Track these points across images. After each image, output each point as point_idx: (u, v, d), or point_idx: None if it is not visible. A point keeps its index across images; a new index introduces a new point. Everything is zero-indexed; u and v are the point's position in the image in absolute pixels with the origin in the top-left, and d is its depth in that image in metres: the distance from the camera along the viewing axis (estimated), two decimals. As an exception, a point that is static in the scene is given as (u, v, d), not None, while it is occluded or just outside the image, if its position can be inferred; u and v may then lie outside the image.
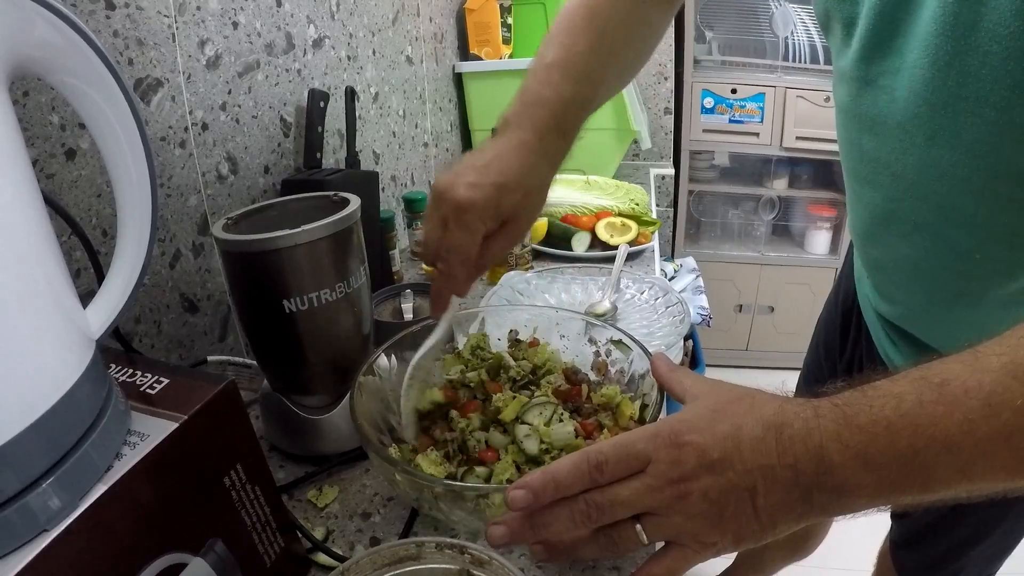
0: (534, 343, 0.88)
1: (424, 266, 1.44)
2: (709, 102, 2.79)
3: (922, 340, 0.84)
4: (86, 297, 0.53)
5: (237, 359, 1.00)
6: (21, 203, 0.42)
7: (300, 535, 0.68)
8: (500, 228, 0.73)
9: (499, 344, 0.91)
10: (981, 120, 0.58)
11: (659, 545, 0.54)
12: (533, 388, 0.79)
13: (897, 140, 0.68)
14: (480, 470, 0.71)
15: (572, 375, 0.82)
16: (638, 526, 0.52)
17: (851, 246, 1.04)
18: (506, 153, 0.74)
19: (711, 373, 2.70)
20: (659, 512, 0.51)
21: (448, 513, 0.65)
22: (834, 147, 0.85)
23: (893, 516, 1.12)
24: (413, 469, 0.69)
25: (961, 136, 0.61)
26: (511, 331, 0.90)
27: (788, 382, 0.64)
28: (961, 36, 0.56)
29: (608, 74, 0.82)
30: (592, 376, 0.85)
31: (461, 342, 0.89)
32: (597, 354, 0.86)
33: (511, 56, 2.16)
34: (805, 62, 2.76)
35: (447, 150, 2.06)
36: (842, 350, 1.12)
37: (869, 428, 0.45)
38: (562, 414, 0.74)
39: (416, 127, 1.80)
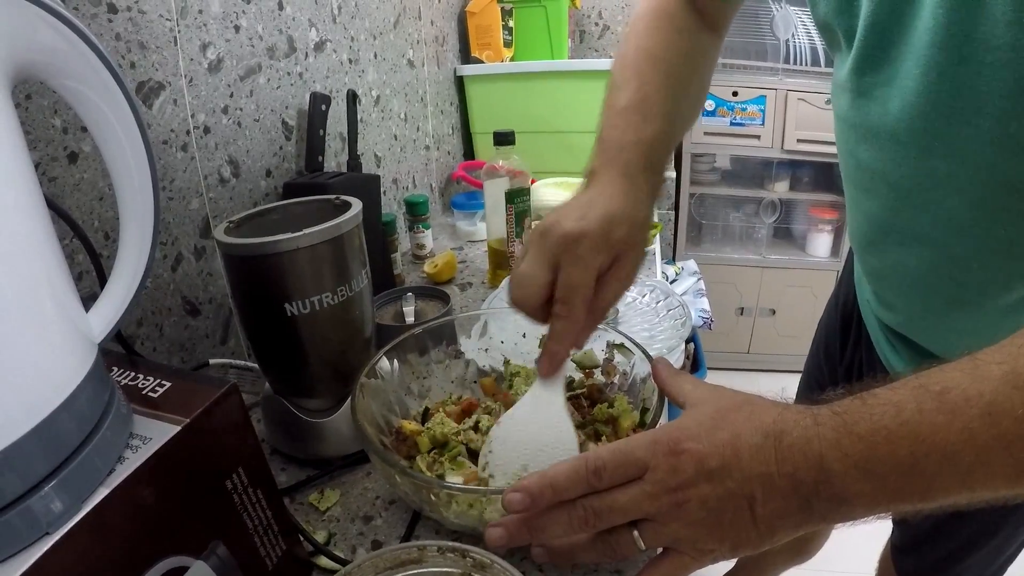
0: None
1: (425, 270, 1.44)
2: (710, 105, 2.79)
3: (921, 346, 0.84)
4: (88, 300, 0.53)
5: (239, 362, 1.00)
6: (24, 206, 0.42)
7: (302, 538, 0.67)
8: (610, 267, 0.66)
9: (502, 347, 0.91)
10: (976, 131, 0.58)
11: (658, 551, 0.54)
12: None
13: (892, 151, 0.68)
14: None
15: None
16: (635, 532, 0.52)
17: (851, 250, 1.04)
18: (605, 191, 0.68)
19: (713, 376, 2.70)
20: (657, 519, 0.51)
21: (448, 515, 0.65)
22: (835, 149, 0.85)
23: (894, 520, 1.12)
24: (413, 471, 0.69)
25: (956, 147, 0.61)
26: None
27: (789, 387, 0.64)
28: (954, 47, 0.56)
29: (681, 109, 0.79)
30: (601, 379, 0.86)
31: (465, 344, 0.90)
32: (608, 358, 0.86)
33: (512, 59, 2.16)
34: (806, 65, 2.75)
35: (448, 153, 2.07)
36: (842, 354, 1.12)
37: (869, 437, 0.45)
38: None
39: (417, 130, 1.80)
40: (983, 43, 0.54)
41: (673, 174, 2.78)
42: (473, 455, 0.74)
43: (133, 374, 0.56)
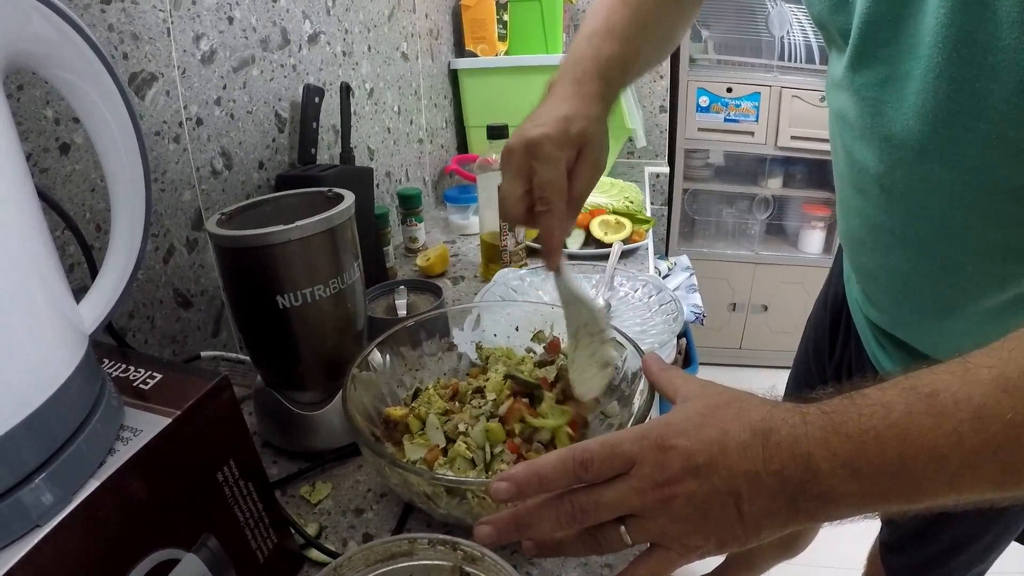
0: (555, 344, 0.88)
1: (418, 263, 1.44)
2: (704, 101, 2.80)
3: (911, 345, 0.84)
4: (79, 292, 0.53)
5: (230, 355, 1.00)
6: (15, 197, 0.42)
7: (293, 531, 0.68)
8: (578, 159, 0.73)
9: (495, 340, 0.91)
10: (973, 134, 0.58)
11: (645, 546, 0.54)
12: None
13: (886, 152, 0.68)
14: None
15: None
16: (622, 528, 0.52)
17: (840, 248, 1.04)
18: (555, 100, 0.75)
19: (704, 371, 2.70)
20: (643, 514, 0.51)
21: (437, 506, 0.65)
22: (828, 146, 0.85)
23: (883, 518, 1.13)
24: (403, 462, 0.70)
25: (953, 150, 0.61)
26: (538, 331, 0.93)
27: (780, 383, 0.64)
28: (955, 48, 0.55)
29: (646, 42, 0.84)
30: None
31: (458, 336, 0.90)
32: None
33: (507, 53, 2.16)
34: (801, 62, 2.76)
35: (442, 146, 2.06)
36: (831, 352, 1.12)
37: (857, 437, 0.45)
38: None
39: (411, 123, 1.80)
40: (986, 45, 0.53)
41: (666, 169, 2.79)
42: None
43: (124, 366, 0.56)
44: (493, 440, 0.73)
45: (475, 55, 2.10)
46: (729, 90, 2.76)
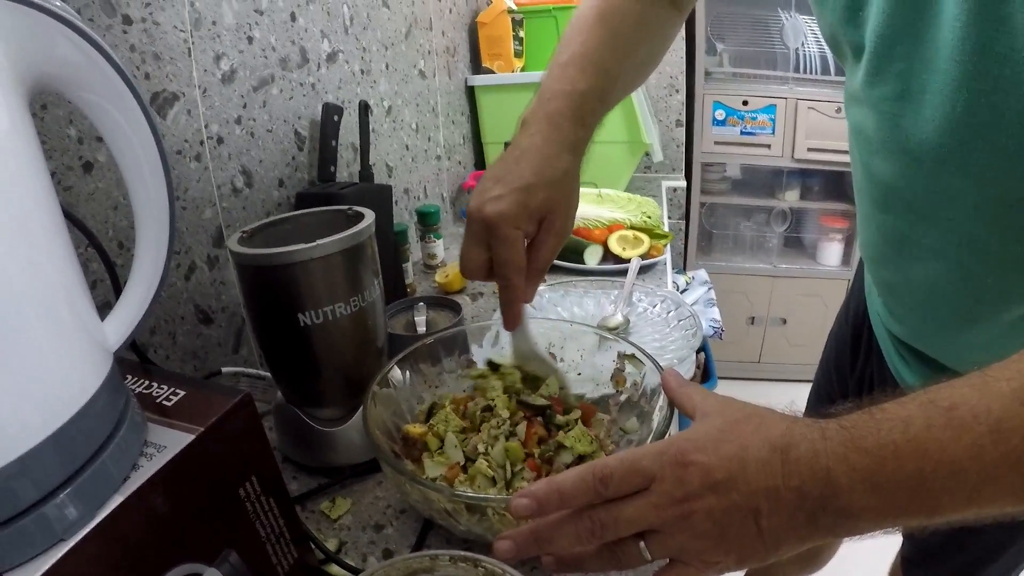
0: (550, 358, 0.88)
1: (437, 280, 1.44)
2: (720, 114, 2.80)
3: (933, 358, 0.83)
4: (103, 309, 0.54)
5: (251, 371, 1.00)
6: (40, 215, 0.42)
7: (313, 546, 0.68)
8: (540, 228, 0.74)
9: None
10: (991, 147, 0.57)
11: (664, 561, 0.54)
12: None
13: (905, 166, 0.68)
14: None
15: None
16: (642, 543, 0.52)
17: (862, 261, 1.04)
18: (525, 153, 0.74)
19: (723, 386, 2.69)
20: (663, 530, 0.51)
21: (457, 523, 0.65)
22: (845, 158, 0.85)
23: (904, 533, 1.11)
24: (424, 479, 0.70)
25: (970, 163, 0.60)
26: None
27: (799, 397, 0.64)
28: (970, 61, 0.55)
29: (623, 69, 0.83)
30: (610, 388, 0.86)
31: (477, 353, 0.90)
32: (618, 369, 0.86)
33: (523, 69, 2.17)
34: (816, 73, 2.75)
35: (459, 163, 2.07)
36: (852, 366, 1.11)
37: (876, 452, 0.45)
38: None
39: (429, 140, 1.81)
40: (1003, 57, 0.53)
41: (683, 183, 2.78)
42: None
43: (147, 382, 0.57)
44: (513, 459, 0.73)
45: (492, 72, 2.11)
46: (745, 103, 2.76)
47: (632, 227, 1.56)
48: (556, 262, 1.50)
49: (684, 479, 0.50)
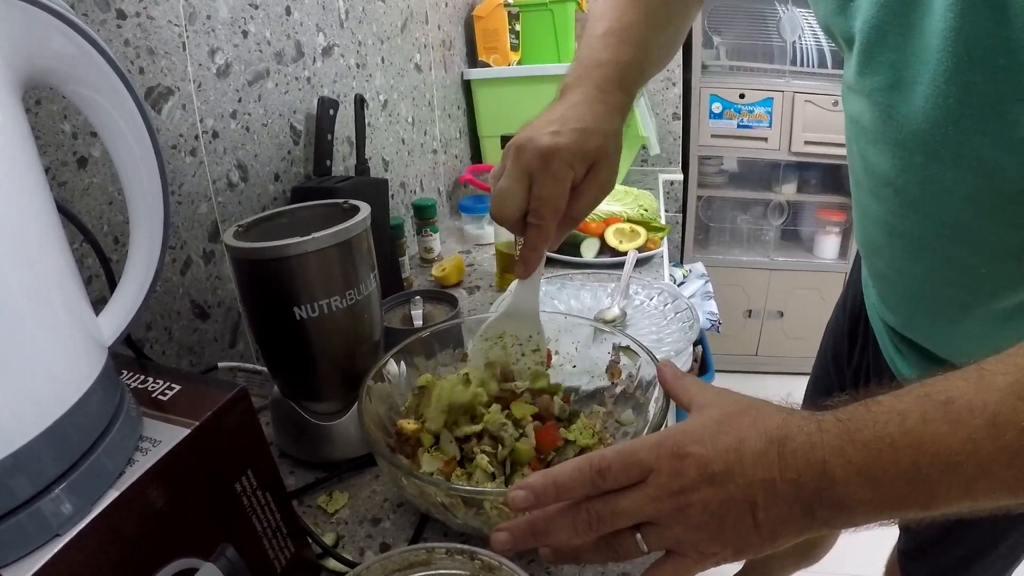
0: (547, 355, 0.88)
1: (433, 273, 1.44)
2: (717, 107, 2.79)
3: (928, 350, 0.84)
4: (98, 304, 0.54)
5: (247, 365, 1.00)
6: (35, 210, 0.42)
7: (310, 541, 0.68)
8: (587, 176, 0.72)
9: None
10: (984, 137, 0.57)
11: (661, 553, 0.54)
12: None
13: (899, 156, 0.68)
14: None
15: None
16: (638, 535, 0.52)
17: (859, 253, 1.04)
18: (577, 105, 0.73)
19: (721, 379, 2.69)
20: (659, 522, 0.51)
21: (454, 516, 0.65)
22: (842, 151, 0.85)
23: (901, 526, 1.12)
24: (420, 473, 0.70)
25: (963, 153, 0.60)
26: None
27: (796, 390, 0.64)
28: (962, 51, 0.55)
29: (658, 44, 0.84)
30: (605, 381, 0.86)
31: (470, 346, 0.90)
32: (614, 361, 0.86)
33: (519, 63, 2.16)
34: (813, 66, 2.75)
35: (456, 157, 2.07)
36: (850, 357, 1.11)
37: (872, 444, 0.45)
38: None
39: (425, 134, 1.81)
40: (996, 47, 0.53)
41: (680, 176, 2.78)
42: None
43: (143, 377, 0.57)
44: (522, 460, 0.73)
45: (488, 65, 2.10)
46: (742, 96, 2.76)
47: (629, 220, 1.56)
48: (552, 255, 1.51)
49: (681, 471, 0.50)
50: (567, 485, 0.53)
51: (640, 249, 1.46)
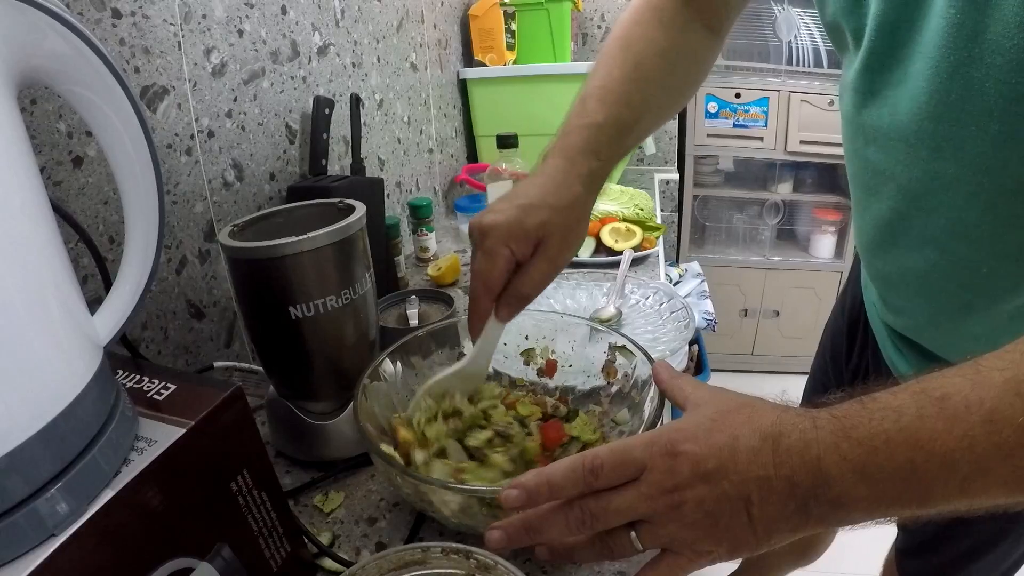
0: (551, 365, 0.88)
1: (429, 273, 1.44)
2: (713, 107, 2.80)
3: (928, 350, 0.84)
4: (93, 303, 0.54)
5: (243, 365, 1.00)
6: (30, 210, 0.42)
7: (306, 540, 0.68)
8: (534, 253, 0.72)
9: (505, 349, 0.91)
10: (985, 133, 0.57)
11: (657, 551, 0.54)
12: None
13: (901, 153, 0.68)
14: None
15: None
16: (632, 533, 0.52)
17: (857, 253, 1.04)
18: (535, 180, 0.74)
19: (716, 378, 2.70)
20: (654, 520, 0.51)
21: (449, 515, 0.65)
22: (838, 151, 0.85)
23: (899, 524, 1.12)
24: (414, 471, 0.70)
25: (966, 150, 0.60)
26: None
27: (790, 389, 0.64)
28: (963, 47, 0.55)
29: (648, 100, 0.82)
30: (601, 380, 0.86)
31: (468, 346, 0.90)
32: (609, 360, 0.86)
33: (515, 62, 2.17)
34: (809, 66, 2.75)
35: (452, 156, 2.07)
36: (848, 357, 1.11)
37: (868, 441, 0.45)
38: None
39: (421, 133, 1.81)
40: (993, 45, 0.53)
41: (676, 176, 2.78)
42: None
43: (138, 377, 0.57)
44: (528, 459, 0.73)
45: (484, 64, 2.11)
46: (738, 95, 2.76)
47: (624, 219, 1.56)
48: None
49: (674, 469, 0.50)
50: (560, 484, 0.53)
51: (636, 248, 1.46)
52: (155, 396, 0.54)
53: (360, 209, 0.83)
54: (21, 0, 0.43)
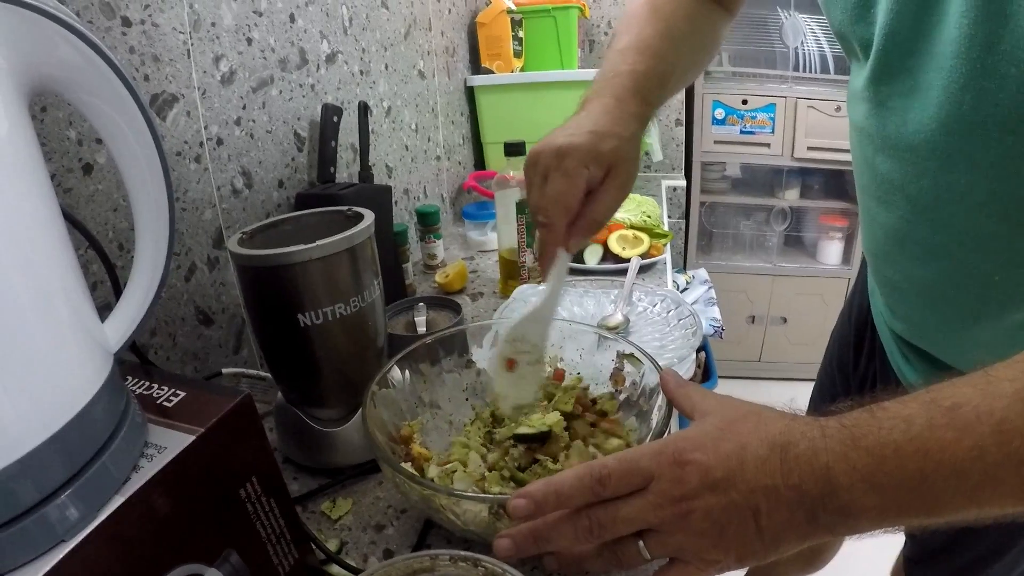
0: (559, 375, 0.88)
1: (437, 280, 1.44)
2: (720, 113, 2.80)
3: (936, 358, 0.83)
4: (103, 310, 0.54)
5: (251, 371, 1.01)
6: (41, 217, 0.43)
7: (314, 547, 0.68)
8: (605, 178, 0.71)
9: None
10: (997, 144, 0.57)
11: (665, 560, 0.54)
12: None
13: (911, 163, 0.68)
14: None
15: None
16: (641, 543, 0.52)
17: (864, 260, 1.03)
18: (593, 113, 0.74)
19: (724, 385, 2.69)
20: (661, 529, 0.51)
21: (457, 523, 0.65)
22: (845, 157, 0.84)
23: (907, 532, 1.11)
24: (422, 478, 0.70)
25: (977, 160, 0.60)
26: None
27: (798, 397, 0.63)
28: (976, 58, 0.55)
29: (678, 57, 0.84)
30: (609, 387, 0.86)
31: (477, 353, 0.90)
32: (618, 368, 0.86)
33: (522, 69, 2.17)
34: (815, 72, 2.75)
35: (459, 163, 2.07)
36: (856, 365, 1.11)
37: (877, 451, 0.45)
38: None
39: (428, 140, 1.81)
40: (1007, 56, 0.53)
41: (683, 182, 2.78)
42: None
43: (148, 383, 0.57)
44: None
45: (491, 72, 2.11)
46: (744, 102, 2.76)
47: (632, 226, 1.56)
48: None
49: (682, 478, 0.50)
50: (568, 493, 0.53)
51: (643, 255, 1.46)
52: (164, 403, 0.54)
53: (368, 217, 0.83)
54: (32, 10, 0.43)
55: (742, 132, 2.80)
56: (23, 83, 0.44)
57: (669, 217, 2.63)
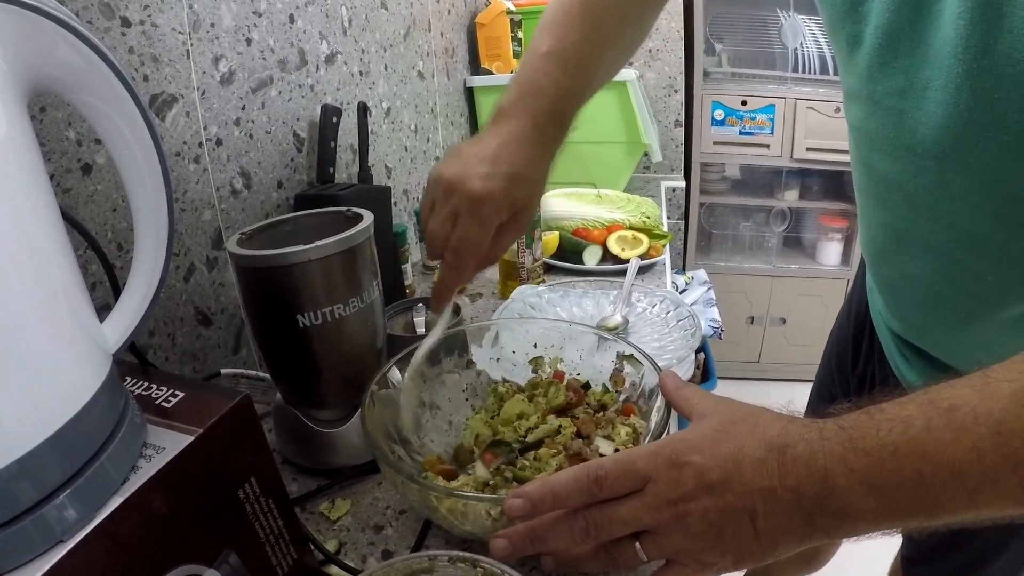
0: (559, 376, 0.88)
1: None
2: (719, 114, 2.80)
3: (934, 357, 0.83)
4: (102, 311, 0.54)
5: (250, 372, 1.01)
6: (39, 217, 0.42)
7: (313, 547, 0.68)
8: (510, 219, 0.74)
9: (513, 357, 0.91)
10: (994, 144, 0.57)
11: (663, 562, 0.54)
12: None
13: (908, 162, 0.67)
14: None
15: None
16: (637, 544, 0.52)
17: (863, 260, 1.03)
18: (509, 143, 0.73)
19: (723, 386, 2.69)
20: (658, 531, 0.51)
21: (456, 523, 0.65)
22: (844, 157, 0.84)
23: (904, 533, 1.11)
24: (421, 479, 0.70)
25: (974, 160, 0.60)
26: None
27: (798, 397, 0.63)
28: (974, 58, 0.55)
29: (602, 63, 0.83)
30: (609, 387, 0.86)
31: (476, 353, 0.90)
32: (617, 369, 0.86)
33: (522, 70, 2.17)
34: (815, 73, 2.76)
35: (458, 164, 2.07)
36: (854, 365, 1.11)
37: (875, 452, 0.45)
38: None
39: (428, 141, 1.81)
40: (1004, 56, 0.53)
41: (682, 183, 2.78)
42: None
43: (146, 384, 0.57)
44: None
45: (490, 72, 2.11)
46: (744, 103, 2.76)
47: (631, 227, 1.56)
48: (555, 262, 1.51)
49: (679, 480, 0.50)
50: (564, 494, 0.53)
51: (642, 256, 1.46)
52: (163, 403, 0.54)
53: (368, 217, 0.83)
54: (32, 10, 0.43)
55: (741, 133, 2.81)
56: (22, 83, 0.44)
57: (668, 218, 2.63)
